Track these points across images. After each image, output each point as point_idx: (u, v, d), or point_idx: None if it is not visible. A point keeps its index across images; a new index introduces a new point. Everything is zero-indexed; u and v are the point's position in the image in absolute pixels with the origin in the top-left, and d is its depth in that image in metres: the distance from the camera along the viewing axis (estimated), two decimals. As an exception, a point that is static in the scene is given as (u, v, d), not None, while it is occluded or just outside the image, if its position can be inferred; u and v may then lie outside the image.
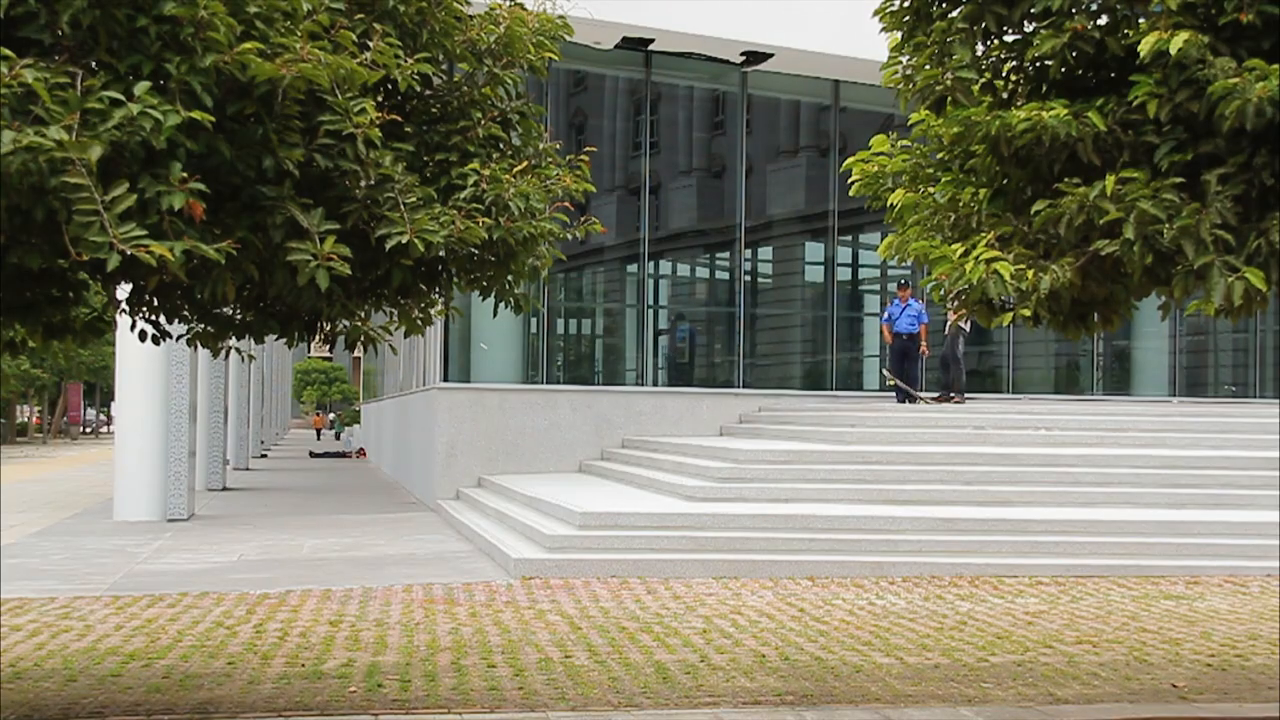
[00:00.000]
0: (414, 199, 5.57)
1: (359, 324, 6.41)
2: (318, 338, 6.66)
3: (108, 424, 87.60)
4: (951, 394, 20.37)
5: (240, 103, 5.08)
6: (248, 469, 32.49)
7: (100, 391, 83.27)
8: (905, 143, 7.59)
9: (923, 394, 21.10)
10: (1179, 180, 5.47)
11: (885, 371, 22.16)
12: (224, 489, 24.71)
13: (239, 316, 6.49)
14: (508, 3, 6.70)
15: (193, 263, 4.91)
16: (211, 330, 6.55)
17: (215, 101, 4.94)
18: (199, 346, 6.83)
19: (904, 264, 7.81)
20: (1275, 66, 5.19)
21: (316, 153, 5.35)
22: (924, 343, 20.23)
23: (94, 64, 4.92)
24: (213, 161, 5.09)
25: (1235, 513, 14.29)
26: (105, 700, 7.38)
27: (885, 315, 20.53)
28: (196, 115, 4.77)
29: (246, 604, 10.70)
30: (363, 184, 5.48)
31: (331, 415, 71.28)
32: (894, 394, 20.97)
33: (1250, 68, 5.23)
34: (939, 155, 7.10)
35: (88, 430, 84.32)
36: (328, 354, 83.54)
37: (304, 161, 5.32)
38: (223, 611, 10.33)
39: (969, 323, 19.63)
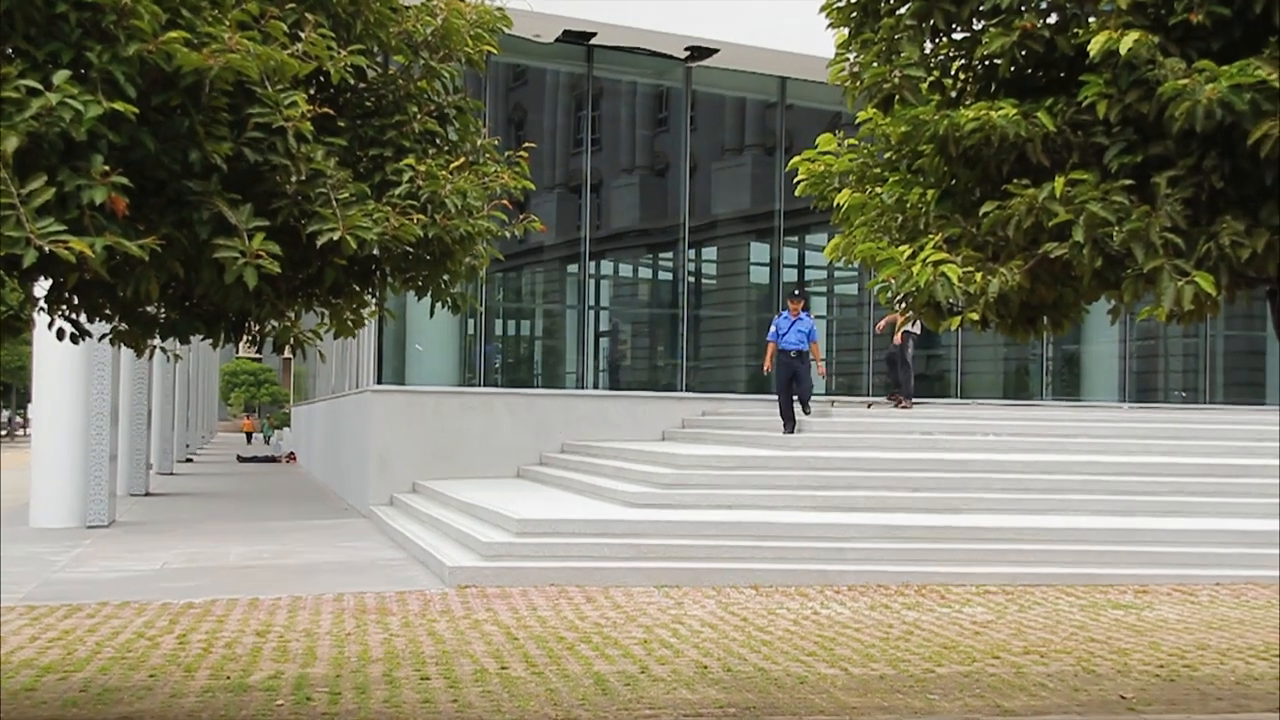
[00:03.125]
0: (346, 195, 5.54)
1: (289, 325, 6.36)
2: (246, 338, 6.61)
3: (24, 426, 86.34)
4: (899, 398, 20.48)
5: (165, 94, 5.03)
6: (172, 474, 32.16)
7: (16, 393, 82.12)
8: (852, 142, 7.64)
9: (922, 398, 20.96)
10: (1129, 182, 5.54)
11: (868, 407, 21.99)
12: (147, 494, 24.45)
13: (163, 315, 6.42)
14: (445, -7, 6.67)
15: (115, 259, 4.85)
16: (134, 329, 6.48)
17: (139, 92, 4.88)
18: (121, 346, 6.76)
19: (851, 265, 7.86)
20: (1225, 68, 5.26)
21: (245, 146, 5.30)
22: (819, 362, 18.26)
23: (10, 51, 4.86)
24: (136, 154, 5.03)
25: (1185, 520, 14.47)
26: (18, 716, 7.28)
27: (771, 330, 17.90)
28: (119, 106, 4.72)
29: (169, 614, 10.59)
30: (293, 179, 5.44)
31: (263, 421, 70.69)
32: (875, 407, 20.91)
33: (1200, 69, 5.30)
34: (886, 155, 7.15)
35: (3, 433, 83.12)
36: (256, 355, 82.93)
37: (232, 155, 5.27)
38: (144, 622, 10.22)
39: (917, 325, 19.70)
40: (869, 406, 20.34)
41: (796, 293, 18.58)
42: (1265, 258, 5.47)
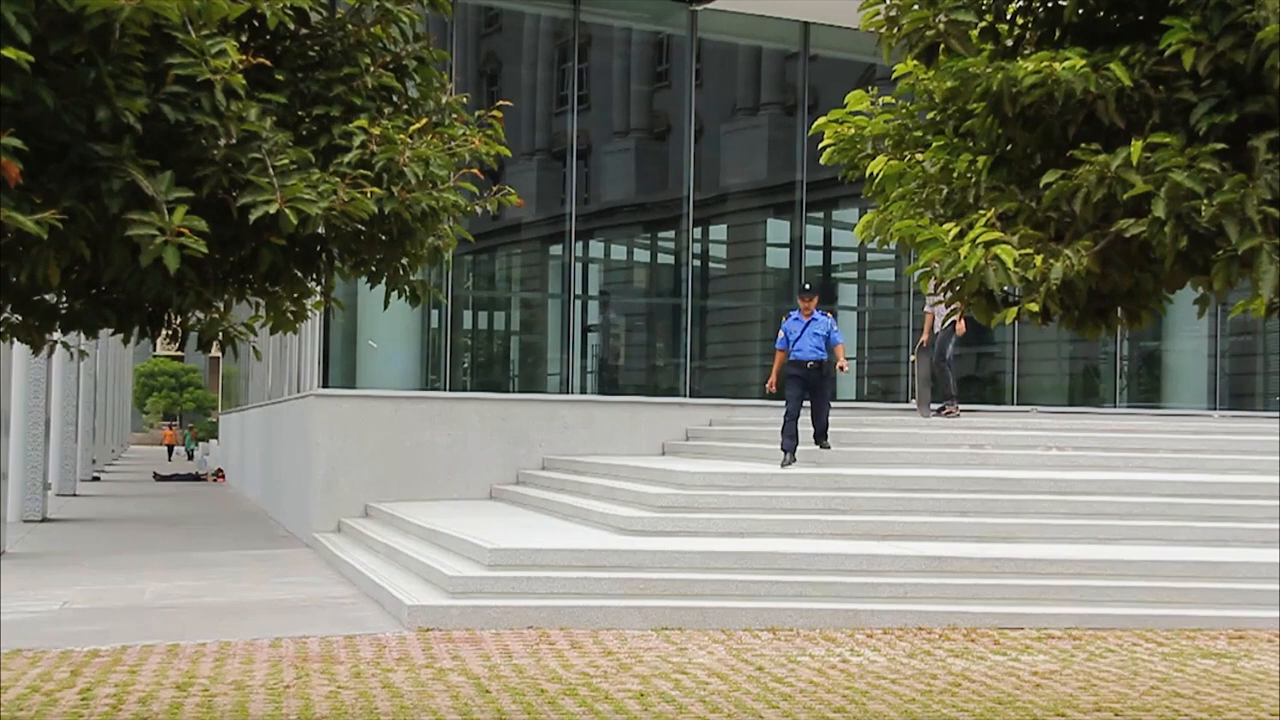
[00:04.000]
0: (286, 162, 5.53)
1: (216, 317, 6.35)
2: (164, 333, 6.60)
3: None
4: (944, 405, 20.41)
5: (66, 39, 5.02)
6: (75, 495, 32.12)
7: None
8: (888, 100, 7.62)
9: (933, 411, 20.77)
10: (1220, 146, 5.53)
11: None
12: (44, 520, 24.40)
13: (65, 305, 6.41)
14: (403, -79, 6.66)
15: (6, 237, 4.84)
16: (30, 322, 6.47)
17: (35, 37, 4.87)
18: (13, 342, 6.74)
19: (886, 247, 7.85)
20: (1338, 9, 5.25)
21: (164, 103, 5.29)
22: (841, 360, 17.04)
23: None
24: (32, 111, 5.02)
25: (1286, 551, 14.45)
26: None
27: (780, 336, 16.88)
28: (10, 53, 4.70)
29: (71, 663, 10.57)
30: (222, 142, 5.44)
31: (184, 431, 70.75)
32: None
33: (1308, 10, 5.29)
34: (929, 115, 7.14)
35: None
36: (178, 352, 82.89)
37: (148, 114, 5.26)
38: (40, 674, 10.19)
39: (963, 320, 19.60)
40: (953, 414, 20.08)
41: (808, 287, 17.37)
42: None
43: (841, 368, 17.19)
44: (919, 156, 7.18)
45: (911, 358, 21.55)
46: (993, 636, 12.27)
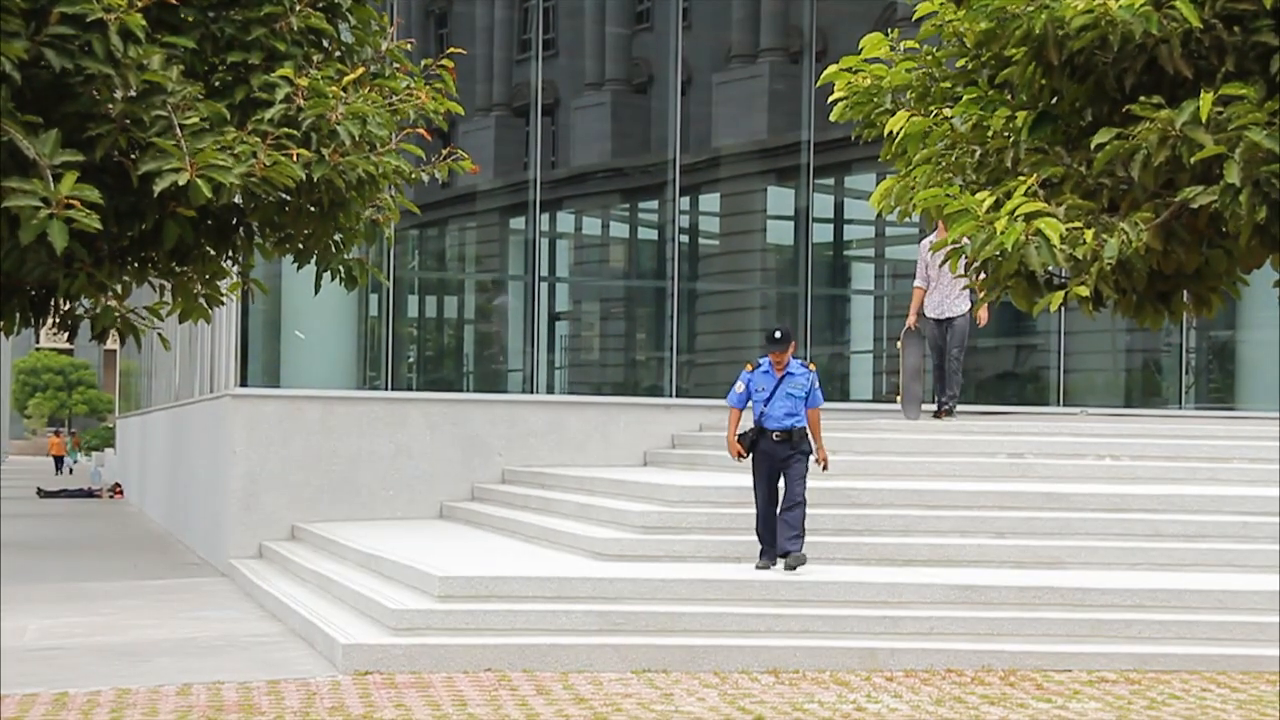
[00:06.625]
0: (196, 120, 5.51)
1: (113, 303, 6.33)
2: (50, 322, 6.57)
3: None
4: (948, 402, 19.93)
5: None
6: (-55, 515, 32.09)
7: None
8: (911, 44, 7.62)
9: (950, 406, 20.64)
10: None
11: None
12: (-91, 544, 24.36)
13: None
14: None
15: None
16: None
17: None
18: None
19: (908, 219, 7.84)
20: None
21: (47, 47, 5.27)
22: (819, 447, 14.23)
23: None
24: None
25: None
26: None
27: (737, 391, 14.55)
28: None
29: (-58, 716, 10.55)
30: (118, 95, 5.42)
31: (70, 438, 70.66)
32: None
33: None
34: (959, 63, 7.14)
35: None
36: (66, 345, 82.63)
37: (29, 60, 5.24)
38: (-94, 727, 10.18)
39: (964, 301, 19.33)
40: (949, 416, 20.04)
41: (779, 335, 14.57)
42: None
43: (821, 461, 14.35)
44: (947, 112, 7.18)
45: (898, 344, 21.39)
46: (1035, 680, 12.27)
